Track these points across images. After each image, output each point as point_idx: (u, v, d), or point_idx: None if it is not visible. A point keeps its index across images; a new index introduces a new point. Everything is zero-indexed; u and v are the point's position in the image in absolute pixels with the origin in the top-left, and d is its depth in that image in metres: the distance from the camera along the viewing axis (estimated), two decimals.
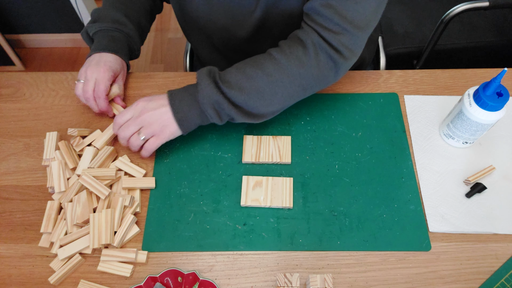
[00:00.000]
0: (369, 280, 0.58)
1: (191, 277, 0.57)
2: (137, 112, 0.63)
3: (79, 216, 0.60)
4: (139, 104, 0.63)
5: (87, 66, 0.69)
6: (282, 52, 0.60)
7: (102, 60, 0.69)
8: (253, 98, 0.60)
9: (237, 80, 0.60)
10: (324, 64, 0.60)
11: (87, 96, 0.68)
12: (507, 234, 0.61)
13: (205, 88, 0.59)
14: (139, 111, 0.63)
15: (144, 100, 0.63)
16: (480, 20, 1.19)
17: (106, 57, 0.69)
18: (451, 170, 0.66)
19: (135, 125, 0.63)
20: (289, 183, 0.65)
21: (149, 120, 0.62)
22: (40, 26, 1.84)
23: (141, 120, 0.62)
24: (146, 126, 0.62)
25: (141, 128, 0.63)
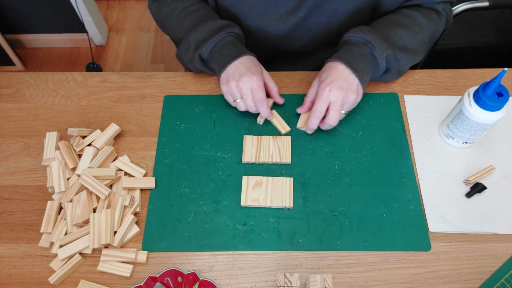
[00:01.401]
0: (369, 280, 0.58)
1: (191, 277, 0.57)
2: (334, 98, 0.64)
3: (79, 216, 0.60)
4: (332, 92, 0.63)
5: (233, 82, 0.65)
6: (418, 12, 0.71)
7: (242, 69, 0.66)
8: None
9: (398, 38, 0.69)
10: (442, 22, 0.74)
11: (254, 110, 0.67)
12: (507, 234, 0.61)
13: (379, 45, 0.66)
14: (337, 97, 0.64)
15: (333, 85, 0.63)
16: (480, 20, 1.19)
17: (243, 64, 0.66)
18: (451, 170, 0.66)
19: (339, 109, 0.64)
20: (289, 183, 0.65)
21: (349, 97, 0.64)
22: (40, 26, 1.84)
23: (342, 102, 0.64)
24: (347, 103, 0.65)
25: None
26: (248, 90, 0.65)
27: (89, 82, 0.78)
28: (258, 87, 0.65)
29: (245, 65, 0.66)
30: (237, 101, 0.67)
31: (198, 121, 0.72)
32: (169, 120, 0.72)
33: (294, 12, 0.70)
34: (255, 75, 0.65)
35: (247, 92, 0.66)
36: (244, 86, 0.65)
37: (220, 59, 0.67)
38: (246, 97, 0.66)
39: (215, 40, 0.68)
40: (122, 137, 0.71)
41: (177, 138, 0.70)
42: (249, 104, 0.67)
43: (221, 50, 0.68)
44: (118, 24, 2.03)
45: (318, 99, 0.64)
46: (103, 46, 1.95)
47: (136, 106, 0.75)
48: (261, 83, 0.66)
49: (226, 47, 0.68)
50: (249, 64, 0.67)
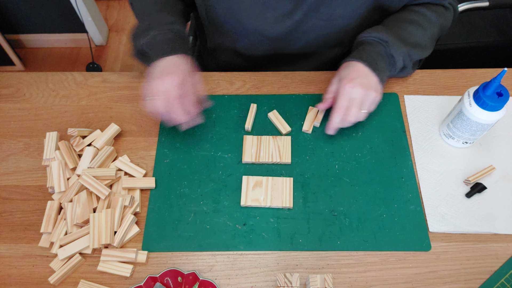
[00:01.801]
0: (369, 280, 0.58)
1: (191, 277, 0.57)
2: (355, 94, 0.63)
3: (79, 216, 0.60)
4: (354, 89, 0.63)
5: (150, 80, 0.62)
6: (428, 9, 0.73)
7: (162, 69, 0.62)
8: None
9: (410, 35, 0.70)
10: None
11: (161, 111, 0.62)
12: (507, 234, 0.61)
13: (395, 44, 0.67)
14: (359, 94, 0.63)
15: (355, 83, 0.63)
16: (480, 20, 1.19)
17: (165, 64, 0.63)
18: (451, 170, 0.66)
19: (359, 106, 0.64)
20: (289, 183, 0.65)
21: (370, 95, 0.64)
22: (40, 26, 1.84)
23: (362, 99, 0.63)
24: (368, 101, 0.64)
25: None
26: (159, 91, 0.61)
27: (89, 82, 0.78)
28: (172, 87, 0.61)
29: (169, 63, 0.63)
30: (149, 99, 0.62)
31: None
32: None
33: (290, 15, 0.70)
34: (170, 75, 0.61)
35: (159, 92, 0.61)
36: (157, 86, 0.61)
37: (154, 53, 0.65)
38: (155, 99, 0.61)
39: (153, 34, 0.65)
40: (122, 137, 0.71)
41: (177, 138, 0.70)
42: (157, 107, 0.61)
43: (158, 45, 0.65)
44: (118, 24, 2.03)
45: (341, 95, 0.63)
46: (103, 46, 1.95)
47: (136, 106, 0.75)
48: (176, 83, 0.61)
49: (160, 43, 0.65)
50: (172, 63, 0.63)
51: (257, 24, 0.72)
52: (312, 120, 0.71)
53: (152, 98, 0.62)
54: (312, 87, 0.76)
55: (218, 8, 0.72)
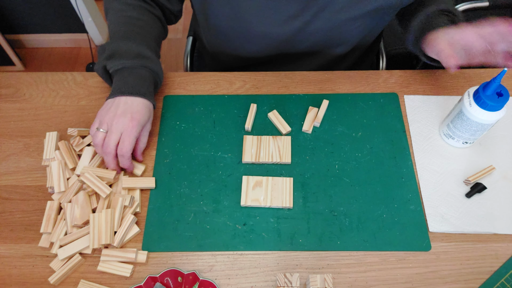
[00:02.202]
0: (369, 280, 0.58)
1: (191, 277, 0.57)
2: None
3: (78, 218, 0.60)
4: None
5: (112, 113, 0.60)
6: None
7: (129, 109, 0.61)
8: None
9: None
10: None
11: (108, 151, 0.60)
12: (507, 234, 0.61)
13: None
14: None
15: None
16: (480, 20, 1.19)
17: (134, 105, 0.62)
18: (451, 170, 0.66)
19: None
20: (289, 183, 0.65)
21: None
22: (40, 26, 1.84)
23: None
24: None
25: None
26: (117, 131, 0.60)
27: (89, 82, 0.78)
28: (128, 136, 0.60)
29: (135, 109, 0.62)
30: (99, 130, 0.61)
31: (198, 121, 0.72)
32: (169, 120, 0.72)
33: (297, 17, 0.70)
34: (134, 126, 0.60)
35: (115, 132, 0.60)
36: (117, 125, 0.60)
37: (120, 83, 0.63)
38: (111, 135, 0.60)
39: (126, 64, 0.64)
40: None
41: (177, 138, 0.70)
42: (108, 143, 0.60)
43: (127, 76, 0.64)
44: None
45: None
46: None
47: None
48: (134, 136, 0.61)
49: (132, 77, 0.64)
50: (140, 111, 0.62)
51: (263, 26, 0.72)
52: (312, 120, 0.71)
53: (102, 130, 0.61)
54: (312, 87, 0.76)
55: (220, 15, 0.72)
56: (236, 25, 0.73)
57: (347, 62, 0.86)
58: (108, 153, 0.61)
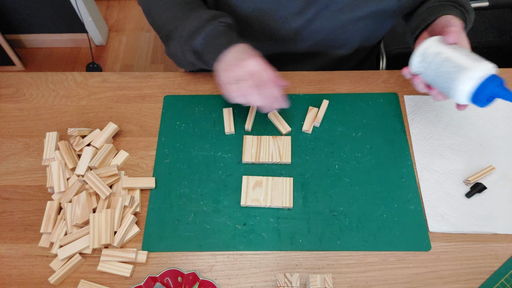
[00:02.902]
0: (369, 280, 0.58)
1: (191, 277, 0.57)
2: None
3: (78, 217, 0.60)
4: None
5: (233, 67, 0.59)
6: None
7: (241, 55, 0.60)
8: None
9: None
10: None
11: (266, 81, 0.59)
12: (507, 234, 0.61)
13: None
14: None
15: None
16: (480, 20, 1.19)
17: (241, 50, 0.61)
18: (451, 170, 0.66)
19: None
20: (289, 183, 0.65)
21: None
22: (40, 26, 1.84)
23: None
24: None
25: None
26: (250, 71, 0.59)
27: (89, 82, 0.78)
28: (264, 67, 0.60)
29: (244, 50, 0.61)
30: (234, 83, 0.60)
31: (198, 121, 0.72)
32: (169, 120, 0.72)
33: (301, 14, 0.70)
34: (256, 56, 0.60)
35: (249, 74, 0.59)
36: (248, 67, 0.59)
37: (215, 48, 0.62)
38: (254, 76, 0.59)
39: (207, 31, 0.63)
40: (122, 137, 0.71)
41: (177, 138, 0.70)
42: (263, 79, 0.59)
43: (215, 40, 0.63)
44: (118, 24, 2.03)
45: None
46: (103, 46, 1.95)
47: (136, 106, 0.75)
48: (265, 63, 0.60)
49: (219, 36, 0.63)
50: (246, 49, 0.62)
51: (265, 23, 0.71)
52: (312, 120, 0.71)
53: (239, 82, 0.59)
54: (312, 87, 0.76)
55: (224, 6, 0.72)
56: (239, 17, 0.72)
57: (349, 64, 0.86)
58: (266, 83, 0.59)
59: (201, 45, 0.64)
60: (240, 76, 0.59)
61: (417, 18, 0.68)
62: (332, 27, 0.72)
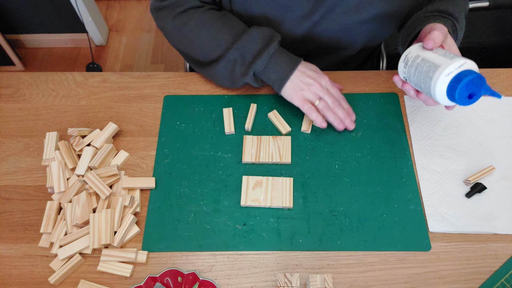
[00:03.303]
0: (369, 280, 0.58)
1: (191, 277, 0.57)
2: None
3: (78, 217, 0.60)
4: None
5: (306, 87, 0.66)
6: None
7: (308, 73, 0.67)
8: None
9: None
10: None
11: (336, 104, 0.67)
12: (507, 234, 0.61)
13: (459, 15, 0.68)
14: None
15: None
16: (480, 20, 1.19)
17: (306, 69, 0.68)
18: (451, 170, 0.66)
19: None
20: (289, 183, 0.65)
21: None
22: (40, 26, 1.84)
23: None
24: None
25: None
26: (325, 90, 0.67)
27: (89, 82, 0.78)
28: (332, 84, 0.68)
29: (310, 68, 0.68)
30: (316, 102, 0.67)
31: (198, 121, 0.72)
32: (169, 120, 0.72)
33: (308, 17, 0.70)
34: (324, 75, 0.68)
35: (325, 92, 0.67)
36: (321, 86, 0.67)
37: (279, 70, 0.67)
38: (326, 96, 0.67)
39: (270, 52, 0.66)
40: (122, 137, 0.71)
41: (177, 138, 0.70)
42: (332, 101, 0.67)
43: (278, 61, 0.67)
44: (118, 24, 2.03)
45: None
46: (103, 46, 1.95)
47: (136, 106, 0.75)
48: (331, 80, 0.69)
49: (281, 57, 0.67)
50: (311, 66, 0.69)
51: (275, 27, 0.72)
52: (310, 120, 0.71)
53: (319, 101, 0.67)
54: None
55: (232, 9, 0.72)
56: (246, 22, 0.73)
57: (352, 64, 0.87)
58: (337, 105, 0.68)
59: (262, 68, 0.67)
60: (320, 94, 0.67)
61: (406, 30, 0.69)
62: (337, 30, 0.73)
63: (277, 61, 0.67)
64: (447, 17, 0.66)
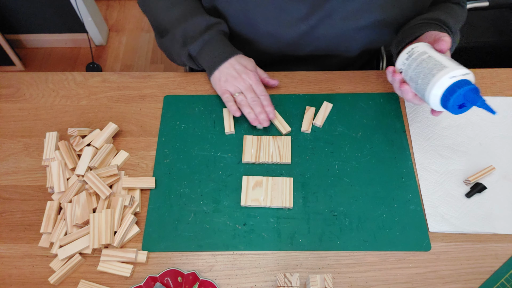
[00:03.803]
0: (369, 280, 0.58)
1: (191, 277, 0.57)
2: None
3: (78, 217, 0.60)
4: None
5: (231, 79, 0.69)
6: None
7: (238, 68, 0.69)
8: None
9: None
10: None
11: (255, 101, 0.68)
12: (507, 234, 0.61)
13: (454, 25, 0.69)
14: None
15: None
16: (480, 20, 1.19)
17: (237, 63, 0.69)
18: (451, 170, 0.66)
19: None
20: (289, 183, 0.65)
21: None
22: (40, 26, 1.84)
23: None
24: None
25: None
26: (247, 85, 0.69)
27: (89, 82, 0.78)
28: (257, 81, 0.69)
29: (240, 63, 0.70)
30: (236, 94, 0.69)
31: (198, 121, 0.72)
32: (169, 120, 0.72)
33: (305, 20, 0.70)
34: (252, 71, 0.69)
35: (247, 87, 0.69)
36: (244, 82, 0.69)
37: (211, 58, 0.69)
38: (247, 91, 0.69)
39: (205, 39, 0.69)
40: (122, 137, 0.71)
41: (177, 138, 0.70)
42: (251, 96, 0.68)
43: (211, 49, 0.69)
44: (118, 24, 2.03)
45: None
46: (103, 46, 1.95)
47: (136, 106, 0.75)
48: (258, 78, 0.70)
49: (216, 45, 0.70)
50: (243, 61, 0.70)
51: (271, 27, 0.72)
52: (310, 120, 0.71)
53: (239, 94, 0.69)
54: (312, 87, 0.76)
55: (229, 9, 0.72)
56: (243, 22, 0.73)
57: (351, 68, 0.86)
58: (256, 102, 0.69)
59: (196, 52, 0.70)
60: (233, 88, 0.69)
61: (404, 33, 0.69)
62: (335, 35, 0.73)
63: (211, 48, 0.69)
64: (445, 28, 0.67)
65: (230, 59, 0.70)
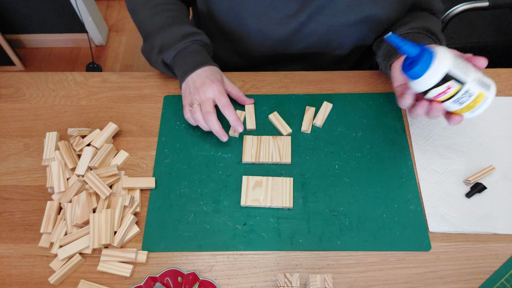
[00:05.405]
0: (369, 280, 0.58)
1: (191, 277, 0.57)
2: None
3: (78, 217, 0.60)
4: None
5: (194, 90, 0.66)
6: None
7: (204, 78, 0.66)
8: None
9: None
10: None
11: (209, 112, 0.64)
12: (507, 234, 0.61)
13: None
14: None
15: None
16: (480, 20, 1.19)
17: (205, 74, 0.67)
18: (451, 170, 0.66)
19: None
20: (289, 183, 0.65)
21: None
22: (40, 26, 1.84)
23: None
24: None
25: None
26: (206, 97, 0.65)
27: (89, 82, 0.78)
28: (220, 93, 0.65)
29: (205, 73, 0.67)
30: (194, 105, 0.65)
31: None
32: (169, 120, 0.72)
33: (295, 16, 0.70)
34: (214, 82, 0.65)
35: (205, 99, 0.65)
36: (204, 93, 0.65)
37: (182, 67, 0.68)
38: (204, 104, 0.65)
39: (178, 48, 0.68)
40: (122, 137, 0.71)
41: (177, 138, 0.70)
42: (205, 110, 0.64)
43: (184, 58, 0.69)
44: (118, 24, 2.03)
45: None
46: (103, 46, 1.95)
47: (136, 106, 0.75)
48: (222, 89, 0.66)
49: (189, 55, 0.69)
50: (208, 72, 0.67)
51: (260, 24, 0.72)
52: (310, 120, 0.71)
53: (197, 105, 0.65)
54: (312, 87, 0.76)
55: (220, 6, 0.72)
56: (234, 20, 0.73)
57: (345, 64, 0.86)
58: (210, 114, 0.64)
59: (169, 60, 0.69)
60: (193, 100, 0.66)
61: (390, 45, 0.68)
62: (326, 31, 0.73)
63: (183, 59, 0.69)
64: (432, 37, 0.67)
65: (197, 71, 0.67)
